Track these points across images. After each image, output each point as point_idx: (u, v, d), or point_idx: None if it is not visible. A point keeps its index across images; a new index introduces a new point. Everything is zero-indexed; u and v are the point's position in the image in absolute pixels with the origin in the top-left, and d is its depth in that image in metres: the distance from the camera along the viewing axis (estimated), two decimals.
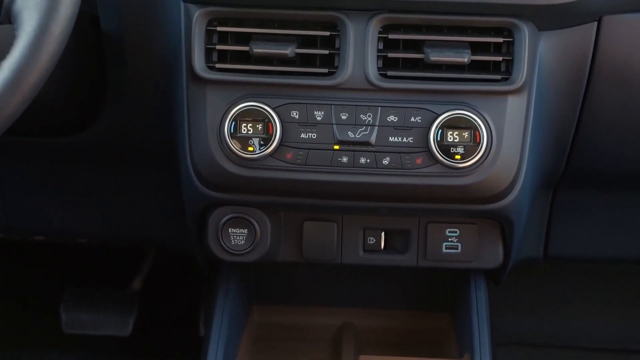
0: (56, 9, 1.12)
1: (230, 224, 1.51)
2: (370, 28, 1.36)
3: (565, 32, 1.41)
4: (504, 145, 1.38)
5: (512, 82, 1.37)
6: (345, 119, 1.37)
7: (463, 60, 1.35)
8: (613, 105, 1.49)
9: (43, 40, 1.12)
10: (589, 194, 1.75)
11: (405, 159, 1.37)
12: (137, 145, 1.66)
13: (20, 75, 1.11)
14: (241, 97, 1.38)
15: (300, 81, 1.37)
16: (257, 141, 1.37)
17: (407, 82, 1.37)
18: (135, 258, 2.22)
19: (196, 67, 1.38)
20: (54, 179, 1.83)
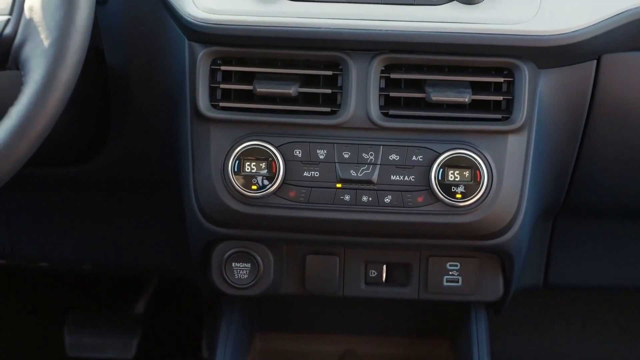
0: (63, 57, 1.13)
1: (234, 258, 1.53)
2: (372, 68, 1.37)
3: (565, 69, 1.42)
4: (504, 184, 1.40)
5: (512, 122, 1.38)
6: (348, 157, 1.39)
7: (464, 100, 1.37)
8: (612, 142, 1.51)
9: (50, 88, 1.13)
10: (588, 223, 1.77)
11: (407, 197, 1.39)
12: (140, 177, 1.68)
13: (27, 122, 1.13)
14: (245, 136, 1.40)
15: (303, 120, 1.39)
16: (261, 179, 1.38)
17: (408, 121, 1.39)
18: (139, 281, 2.24)
19: (200, 106, 1.39)
20: (58, 207, 1.85)
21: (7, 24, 1.15)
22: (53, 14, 1.13)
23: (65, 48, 1.13)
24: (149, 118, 1.57)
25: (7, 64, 1.18)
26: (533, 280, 1.80)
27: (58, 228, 1.88)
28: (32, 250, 1.91)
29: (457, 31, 1.33)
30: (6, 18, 1.16)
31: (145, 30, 1.48)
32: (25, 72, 1.15)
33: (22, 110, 1.13)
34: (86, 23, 1.15)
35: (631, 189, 1.60)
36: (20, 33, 1.15)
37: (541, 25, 1.33)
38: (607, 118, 1.48)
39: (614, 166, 1.55)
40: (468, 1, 1.34)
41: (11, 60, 1.17)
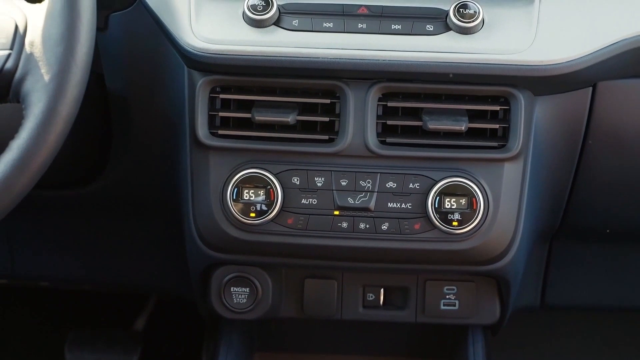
0: (64, 91, 1.15)
1: (233, 283, 1.54)
2: (369, 96, 1.39)
3: (561, 96, 1.44)
4: (501, 211, 1.41)
5: (508, 150, 1.40)
6: (345, 185, 1.40)
7: (460, 129, 1.38)
8: (607, 166, 1.52)
9: (51, 123, 1.15)
10: (584, 245, 1.78)
11: (404, 224, 1.40)
12: (140, 200, 1.69)
13: (28, 156, 1.15)
14: (243, 163, 1.41)
15: (301, 148, 1.40)
16: (259, 207, 1.40)
17: (405, 149, 1.40)
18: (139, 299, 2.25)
19: (199, 134, 1.41)
20: (59, 228, 1.87)
21: (8, 58, 1.17)
22: (53, 48, 1.15)
23: (66, 83, 1.15)
24: (149, 142, 1.58)
25: (8, 97, 1.19)
26: (530, 300, 1.81)
27: (59, 248, 1.90)
28: (33, 270, 1.93)
29: (453, 61, 1.34)
30: (7, 52, 1.17)
31: (144, 56, 1.49)
32: (26, 105, 1.16)
33: (22, 144, 1.14)
34: (86, 58, 1.16)
35: (626, 212, 1.61)
36: (21, 67, 1.17)
37: (537, 55, 1.34)
38: (602, 144, 1.49)
39: (609, 190, 1.57)
40: (464, 31, 1.35)
41: (12, 93, 1.18)
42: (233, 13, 1.38)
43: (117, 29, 1.48)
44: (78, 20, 1.15)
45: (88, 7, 1.16)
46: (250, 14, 1.35)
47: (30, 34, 1.17)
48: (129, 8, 1.45)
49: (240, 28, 1.37)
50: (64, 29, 1.15)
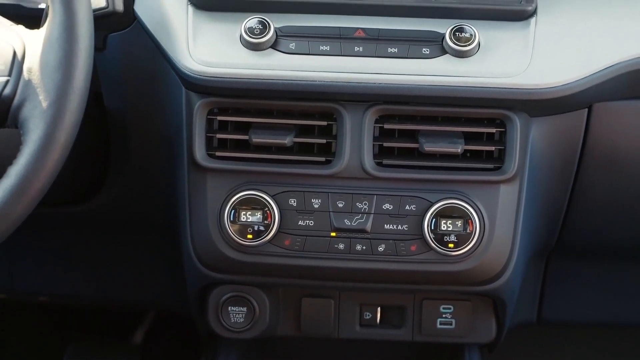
0: (61, 118, 1.15)
1: (230, 302, 1.55)
2: (366, 118, 1.39)
3: (557, 117, 1.44)
4: (496, 233, 1.42)
5: (504, 172, 1.40)
6: (342, 206, 1.41)
7: (457, 151, 1.39)
8: (603, 186, 1.53)
9: (49, 149, 1.15)
10: (580, 261, 1.79)
11: (400, 246, 1.41)
12: (138, 217, 1.70)
13: (26, 182, 1.15)
14: (241, 185, 1.42)
15: (298, 170, 1.41)
16: (256, 228, 1.40)
17: (401, 171, 1.41)
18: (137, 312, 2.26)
19: (197, 156, 1.41)
20: (58, 244, 1.87)
21: (6, 85, 1.17)
22: (51, 75, 1.15)
23: (64, 109, 1.15)
24: (147, 161, 1.59)
25: (7, 122, 1.20)
26: (527, 316, 1.82)
27: (57, 264, 1.91)
28: (32, 285, 1.93)
29: (449, 84, 1.35)
30: (5, 79, 1.18)
31: (142, 76, 1.50)
32: (24, 132, 1.17)
33: (20, 171, 1.15)
34: (84, 84, 1.17)
35: (622, 231, 1.62)
36: (19, 94, 1.17)
37: (532, 78, 1.35)
38: (598, 164, 1.50)
39: (605, 209, 1.57)
40: (460, 54, 1.35)
41: (10, 119, 1.19)
42: (230, 35, 1.39)
43: (116, 49, 1.49)
44: (76, 47, 1.16)
45: (86, 34, 1.17)
46: (247, 37, 1.36)
47: (29, 60, 1.18)
48: (127, 29, 1.46)
49: (237, 51, 1.37)
50: (62, 55, 1.15)
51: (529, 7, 1.38)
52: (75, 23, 1.16)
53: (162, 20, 1.42)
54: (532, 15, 1.39)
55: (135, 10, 1.45)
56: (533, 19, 1.39)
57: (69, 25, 1.16)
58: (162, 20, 1.42)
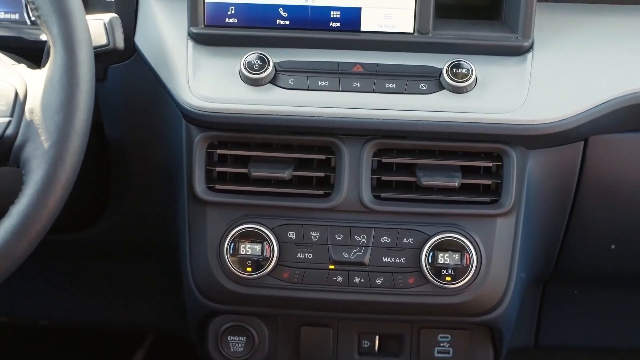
0: (63, 159, 1.17)
1: (229, 332, 1.56)
2: (364, 152, 1.41)
3: (553, 150, 1.46)
4: (493, 265, 1.43)
5: (501, 206, 1.42)
6: (340, 239, 1.42)
7: (454, 185, 1.40)
8: (599, 217, 1.54)
9: (50, 189, 1.17)
10: (577, 287, 1.80)
11: (398, 278, 1.42)
12: (139, 245, 1.72)
13: (28, 222, 1.17)
14: (240, 217, 1.43)
15: (297, 204, 1.42)
16: (255, 261, 1.42)
17: (399, 204, 1.42)
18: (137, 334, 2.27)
19: (197, 189, 1.43)
20: (58, 269, 1.89)
21: (8, 125, 1.19)
22: (53, 116, 1.17)
23: (65, 150, 1.17)
24: (147, 190, 1.60)
25: (8, 162, 1.21)
26: (524, 341, 1.84)
27: (58, 289, 1.92)
28: (33, 309, 1.95)
29: (447, 120, 1.36)
30: (7, 120, 1.19)
31: (143, 107, 1.51)
32: (26, 172, 1.18)
33: (22, 210, 1.16)
34: (85, 125, 1.18)
35: (618, 259, 1.64)
36: (21, 134, 1.18)
37: (529, 114, 1.36)
38: (594, 195, 1.51)
39: (601, 238, 1.59)
40: (457, 90, 1.36)
41: (12, 159, 1.20)
42: (230, 70, 1.40)
43: (116, 80, 1.50)
44: (77, 89, 1.17)
45: (87, 75, 1.18)
46: (246, 72, 1.37)
47: (30, 101, 1.19)
48: (127, 60, 1.47)
49: (237, 86, 1.38)
50: (63, 97, 1.17)
51: (526, 43, 1.39)
52: (76, 64, 1.17)
53: (162, 54, 1.43)
54: (529, 50, 1.40)
55: (135, 42, 1.46)
56: (529, 54, 1.40)
57: (70, 66, 1.17)
58: (162, 53, 1.43)
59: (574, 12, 1.45)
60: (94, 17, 1.34)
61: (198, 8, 1.40)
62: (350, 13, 1.40)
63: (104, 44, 1.33)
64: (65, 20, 1.17)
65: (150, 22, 1.46)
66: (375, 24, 1.40)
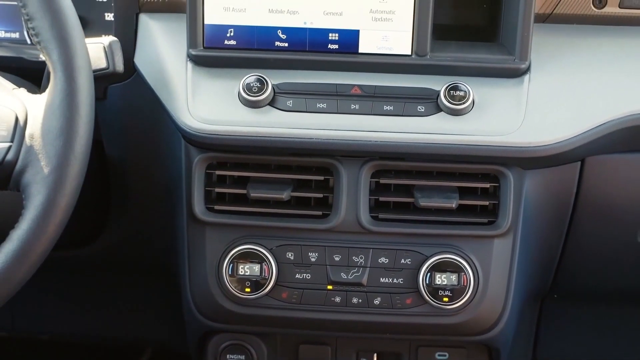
0: (63, 184, 1.18)
1: (228, 350, 1.57)
2: (362, 173, 1.42)
3: (550, 170, 1.47)
4: (490, 286, 1.44)
5: (498, 227, 1.43)
6: (338, 260, 1.43)
7: (451, 206, 1.41)
8: (596, 235, 1.56)
9: (50, 214, 1.17)
10: (574, 303, 1.81)
11: (396, 299, 1.43)
12: (138, 261, 1.73)
13: (28, 246, 1.18)
14: (239, 238, 1.44)
15: (296, 225, 1.43)
16: (254, 282, 1.43)
17: (397, 225, 1.43)
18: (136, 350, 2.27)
19: (196, 210, 1.43)
20: (58, 284, 1.90)
21: (8, 151, 1.19)
22: (53, 142, 1.17)
23: (65, 175, 1.17)
24: (146, 208, 1.61)
25: (9, 186, 1.22)
26: (521, 356, 1.84)
27: (58, 304, 1.93)
28: (33, 324, 1.95)
29: (444, 142, 1.36)
30: (8, 145, 1.19)
31: (142, 126, 1.52)
32: (26, 196, 1.19)
33: (22, 235, 1.17)
34: (85, 150, 1.19)
35: (615, 276, 1.65)
36: (22, 159, 1.19)
37: (525, 136, 1.37)
38: (591, 214, 1.52)
39: (598, 256, 1.60)
40: (455, 112, 1.37)
41: (12, 183, 1.21)
42: (229, 92, 1.40)
43: (116, 99, 1.51)
44: (77, 115, 1.18)
45: (86, 100, 1.19)
46: (245, 95, 1.37)
47: (31, 126, 1.20)
48: (127, 80, 1.48)
49: (235, 108, 1.39)
50: (63, 122, 1.17)
51: (523, 65, 1.40)
52: (76, 90, 1.18)
53: (161, 75, 1.44)
54: (526, 72, 1.41)
55: (135, 62, 1.47)
56: (526, 76, 1.41)
57: (70, 92, 1.18)
58: (161, 74, 1.44)
59: (570, 33, 1.46)
60: (93, 41, 1.35)
61: (197, 30, 1.40)
62: (349, 35, 1.41)
63: (104, 67, 1.34)
64: (65, 47, 1.18)
65: (150, 42, 1.47)
66: (373, 46, 1.41)
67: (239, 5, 1.40)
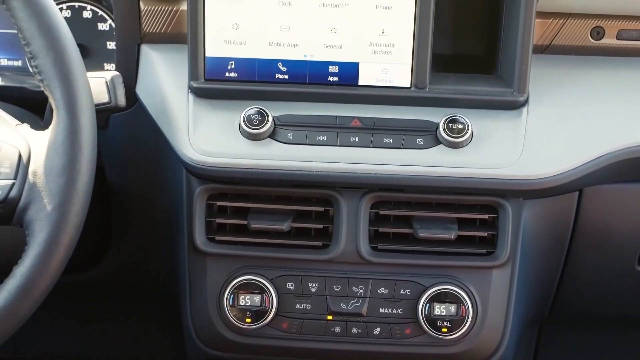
0: (65, 221, 1.19)
1: None
2: (362, 205, 1.43)
3: (548, 200, 1.48)
4: (489, 316, 1.45)
5: (496, 258, 1.44)
6: (338, 290, 1.44)
7: (450, 237, 1.42)
8: (594, 263, 1.57)
9: (53, 251, 1.19)
10: (572, 327, 1.83)
11: (395, 329, 1.44)
12: (139, 287, 1.74)
13: (31, 283, 1.19)
14: (240, 269, 1.45)
15: (296, 255, 1.45)
16: (255, 312, 1.44)
17: (397, 256, 1.45)
18: None
19: (197, 241, 1.45)
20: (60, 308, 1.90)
21: (12, 188, 1.20)
22: (56, 180, 1.18)
23: (67, 213, 1.19)
24: (147, 235, 1.62)
25: (12, 222, 1.23)
26: None
27: (59, 326, 1.94)
28: (34, 347, 1.96)
29: (443, 175, 1.37)
30: (11, 182, 1.21)
31: (144, 154, 1.53)
32: (29, 233, 1.20)
33: (25, 272, 1.18)
34: (87, 187, 1.20)
35: (612, 303, 1.66)
36: (25, 196, 1.20)
37: (524, 169, 1.38)
38: (589, 243, 1.54)
39: (595, 283, 1.61)
40: (454, 145, 1.38)
41: (15, 220, 1.22)
42: (230, 123, 1.41)
43: (118, 128, 1.52)
44: (79, 153, 1.19)
45: (88, 139, 1.20)
46: (246, 127, 1.38)
47: (34, 164, 1.21)
48: (129, 109, 1.49)
49: (236, 140, 1.40)
50: (66, 160, 1.19)
51: (521, 98, 1.41)
52: (79, 129, 1.19)
53: (163, 106, 1.45)
54: (524, 104, 1.42)
55: (136, 92, 1.48)
56: (525, 108, 1.42)
57: (72, 131, 1.19)
58: (163, 105, 1.45)
59: (568, 64, 1.47)
60: (96, 75, 1.36)
61: (198, 62, 1.42)
62: (348, 68, 1.42)
63: (106, 102, 1.35)
64: (68, 85, 1.20)
65: (151, 73, 1.48)
66: (372, 79, 1.42)
67: (239, 38, 1.41)
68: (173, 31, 1.48)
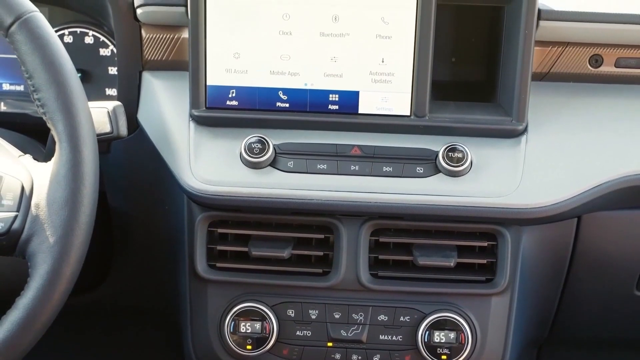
0: (67, 254, 1.20)
1: None
2: (362, 232, 1.44)
3: (547, 226, 1.48)
4: (488, 342, 1.46)
5: (495, 285, 1.45)
6: (338, 317, 1.45)
7: (450, 265, 1.43)
8: (592, 288, 1.58)
9: (55, 283, 1.20)
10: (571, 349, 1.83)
11: (395, 356, 1.45)
12: (139, 310, 1.74)
13: (33, 315, 1.19)
14: (240, 295, 1.46)
15: (296, 282, 1.45)
16: (255, 339, 1.45)
17: (396, 283, 1.45)
18: None
19: (198, 268, 1.45)
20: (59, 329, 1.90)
21: (15, 220, 1.21)
22: (58, 212, 1.19)
23: (70, 245, 1.19)
24: (148, 260, 1.63)
25: (14, 253, 1.24)
26: None
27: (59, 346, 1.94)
28: None
29: (442, 204, 1.38)
30: (14, 214, 1.22)
31: (145, 180, 1.54)
32: (32, 265, 1.21)
33: (28, 304, 1.19)
34: (89, 220, 1.21)
35: (611, 325, 1.67)
36: (27, 229, 1.21)
37: (523, 198, 1.38)
38: (587, 268, 1.54)
39: (594, 308, 1.62)
40: (453, 174, 1.39)
41: (18, 251, 1.23)
42: (231, 152, 1.42)
43: (119, 153, 1.53)
44: (82, 185, 1.20)
45: (91, 171, 1.21)
46: (247, 156, 1.39)
47: (36, 196, 1.22)
48: (130, 135, 1.50)
49: (237, 169, 1.41)
50: (69, 193, 1.19)
51: (520, 127, 1.42)
52: (81, 161, 1.20)
53: (164, 133, 1.46)
54: (523, 133, 1.43)
55: (138, 118, 1.49)
56: (524, 137, 1.43)
57: (75, 163, 1.20)
58: (164, 133, 1.46)
59: (567, 92, 1.48)
60: (98, 105, 1.37)
61: (200, 91, 1.43)
62: (348, 96, 1.43)
63: (108, 132, 1.36)
64: (71, 118, 1.20)
65: (153, 100, 1.49)
66: (372, 107, 1.43)
67: (240, 67, 1.42)
68: (174, 58, 1.49)
